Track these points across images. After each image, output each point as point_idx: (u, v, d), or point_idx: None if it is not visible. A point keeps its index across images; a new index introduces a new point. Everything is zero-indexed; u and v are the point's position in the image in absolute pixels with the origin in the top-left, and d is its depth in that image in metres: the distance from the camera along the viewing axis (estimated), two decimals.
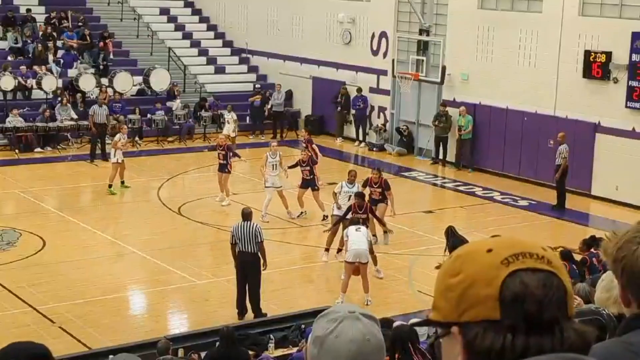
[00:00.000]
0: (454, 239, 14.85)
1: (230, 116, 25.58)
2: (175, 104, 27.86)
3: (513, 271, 1.52)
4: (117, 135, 21.43)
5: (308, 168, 19.41)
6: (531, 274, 1.52)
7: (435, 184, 23.70)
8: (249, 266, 13.69)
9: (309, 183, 19.37)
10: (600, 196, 21.30)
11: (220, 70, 31.12)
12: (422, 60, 25.62)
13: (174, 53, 30.11)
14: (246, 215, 13.89)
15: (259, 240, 13.74)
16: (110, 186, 20.77)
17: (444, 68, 25.17)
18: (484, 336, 1.49)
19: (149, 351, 10.90)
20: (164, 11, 32.54)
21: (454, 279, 1.55)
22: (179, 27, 32.29)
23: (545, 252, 1.58)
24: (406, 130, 26.52)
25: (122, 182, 21.15)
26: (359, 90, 27.35)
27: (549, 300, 1.51)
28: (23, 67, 27.13)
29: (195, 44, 31.78)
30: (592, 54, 21.41)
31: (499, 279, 1.51)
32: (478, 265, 1.54)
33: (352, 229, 14.42)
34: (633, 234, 2.02)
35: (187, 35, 32.02)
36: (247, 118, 29.01)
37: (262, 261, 13.83)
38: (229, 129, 25.06)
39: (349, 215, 15.76)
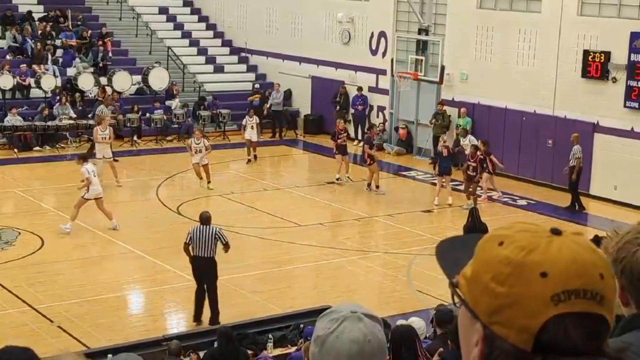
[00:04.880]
0: (472, 223, 15.28)
1: (253, 120, 24.47)
2: (174, 103, 27.84)
3: (560, 315, 1.38)
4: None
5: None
6: (578, 321, 1.38)
7: (434, 184, 23.68)
8: (203, 270, 13.35)
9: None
10: (598, 196, 21.30)
11: (219, 69, 31.11)
12: (421, 60, 25.63)
13: (173, 52, 30.09)
14: (205, 220, 13.43)
15: (224, 242, 13.33)
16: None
17: (443, 67, 25.18)
18: (507, 357, 1.41)
19: (147, 350, 10.89)
20: (163, 10, 32.52)
21: (497, 288, 1.41)
22: (178, 26, 32.28)
23: (603, 280, 1.41)
24: (405, 128, 26.52)
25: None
26: (360, 89, 27.34)
27: (588, 348, 1.39)
28: (22, 66, 27.12)
29: (194, 43, 31.76)
30: (591, 53, 21.41)
31: (543, 317, 1.38)
32: (527, 289, 1.39)
33: None
34: (634, 235, 2.02)
35: (186, 35, 32.01)
36: None
37: (216, 266, 13.40)
38: (251, 133, 24.27)
39: None
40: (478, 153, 20.36)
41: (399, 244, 17.61)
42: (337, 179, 22.30)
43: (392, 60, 26.63)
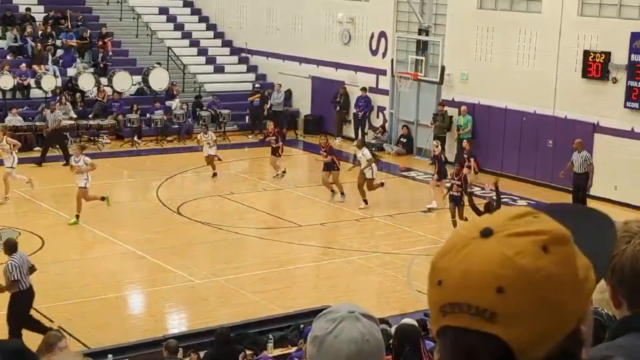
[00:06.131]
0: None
1: (209, 137, 22.83)
2: (175, 104, 27.85)
3: (445, 327, 1.29)
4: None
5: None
6: (458, 336, 1.27)
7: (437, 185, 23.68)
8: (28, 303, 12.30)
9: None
10: (598, 196, 21.28)
11: (219, 69, 31.12)
12: (422, 60, 25.64)
13: (173, 52, 30.11)
14: (11, 247, 12.33)
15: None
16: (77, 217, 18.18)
17: (443, 68, 25.19)
18: None
19: (147, 350, 10.92)
20: (163, 10, 32.54)
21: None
22: (178, 27, 32.29)
23: (501, 295, 1.24)
24: (406, 131, 26.55)
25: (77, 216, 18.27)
26: (364, 89, 27.33)
27: None
28: (22, 66, 27.13)
29: (195, 43, 31.77)
30: (591, 54, 21.41)
31: (436, 326, 1.32)
32: (430, 295, 1.33)
33: None
34: (621, 233, 1.94)
35: (186, 35, 32.02)
36: (247, 117, 29.01)
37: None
38: (208, 150, 22.63)
39: None
40: (464, 170, 18.60)
41: (399, 244, 17.62)
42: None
43: (392, 60, 26.64)
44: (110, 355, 10.84)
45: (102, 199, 18.56)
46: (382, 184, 20.51)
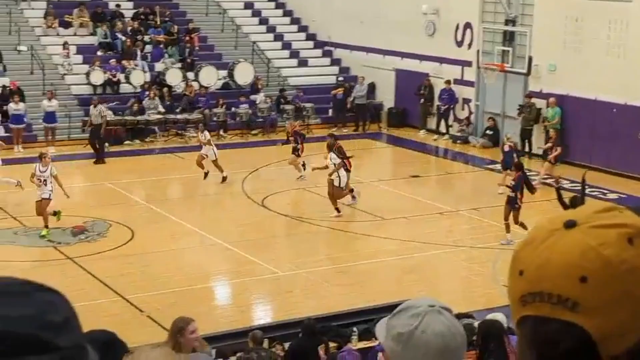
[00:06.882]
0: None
1: (203, 137, 21.81)
2: (259, 98, 28.13)
3: (525, 317, 1.28)
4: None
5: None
6: (538, 326, 1.26)
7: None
8: None
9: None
10: None
11: (303, 63, 31.27)
12: (508, 51, 25.26)
13: (258, 47, 30.39)
14: None
15: None
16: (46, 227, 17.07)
17: (530, 59, 24.75)
18: None
19: (233, 341, 11.06)
20: (249, 5, 32.87)
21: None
22: (263, 21, 32.57)
23: (584, 285, 1.23)
24: (492, 123, 26.21)
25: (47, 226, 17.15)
26: (448, 82, 27.09)
27: (550, 355, 1.26)
28: (112, 62, 27.80)
29: (279, 37, 32.00)
30: None
31: (516, 315, 1.31)
32: (510, 285, 1.32)
33: None
34: None
35: (270, 29, 32.28)
36: (330, 111, 29.09)
37: None
38: (207, 149, 21.57)
39: None
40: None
41: (484, 238, 17.40)
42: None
43: (477, 51, 26.31)
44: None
45: (54, 213, 17.21)
46: (351, 191, 19.29)
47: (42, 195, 16.87)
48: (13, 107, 24.62)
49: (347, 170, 19.05)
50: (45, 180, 16.81)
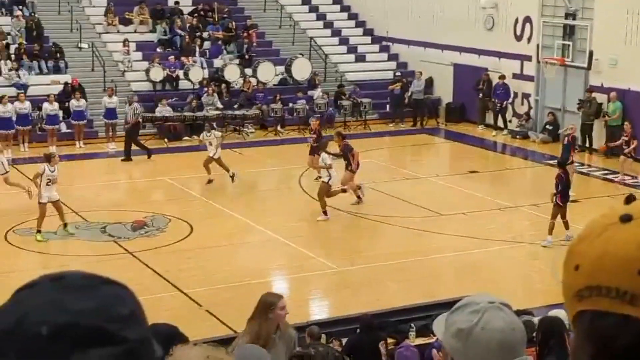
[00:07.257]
0: None
1: (211, 135, 21.17)
2: (316, 93, 28.18)
3: (583, 311, 1.28)
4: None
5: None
6: (596, 320, 1.25)
7: (581, 172, 22.95)
8: None
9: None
10: None
11: (360, 58, 31.22)
12: (568, 45, 24.88)
13: (315, 42, 30.43)
14: None
15: None
16: (39, 232, 16.66)
17: (591, 53, 24.34)
18: None
19: None
20: (306, 1, 32.93)
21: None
22: (321, 17, 32.60)
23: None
24: (551, 118, 25.85)
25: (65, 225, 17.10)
26: (502, 77, 26.83)
27: (607, 349, 1.25)
28: (171, 58, 28.13)
29: (336, 32, 32.01)
30: None
31: (573, 311, 1.30)
32: (565, 280, 1.32)
33: None
34: None
35: (328, 25, 32.29)
36: (387, 106, 29.00)
37: None
38: (211, 150, 20.86)
39: None
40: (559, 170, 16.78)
41: (545, 234, 17.16)
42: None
43: (537, 46, 25.97)
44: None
45: (65, 225, 16.98)
46: (343, 191, 19.02)
47: (50, 198, 16.50)
48: (74, 103, 25.08)
49: (352, 172, 18.97)
50: (55, 180, 16.58)
